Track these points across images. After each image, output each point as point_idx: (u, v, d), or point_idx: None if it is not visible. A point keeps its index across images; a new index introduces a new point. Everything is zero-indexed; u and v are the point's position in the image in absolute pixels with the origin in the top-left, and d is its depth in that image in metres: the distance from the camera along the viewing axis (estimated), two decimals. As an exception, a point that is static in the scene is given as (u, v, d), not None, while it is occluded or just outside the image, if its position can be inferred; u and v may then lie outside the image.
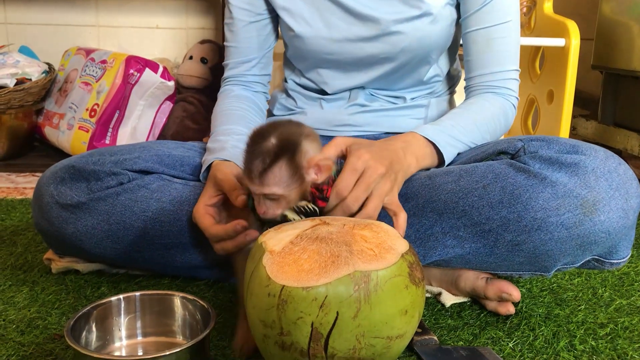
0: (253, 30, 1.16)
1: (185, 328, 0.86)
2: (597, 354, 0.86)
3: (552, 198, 0.88)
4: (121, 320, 0.85)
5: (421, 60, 1.12)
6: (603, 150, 0.92)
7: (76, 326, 0.78)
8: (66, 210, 0.97)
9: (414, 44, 1.09)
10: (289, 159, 0.77)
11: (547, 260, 0.92)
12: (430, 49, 1.11)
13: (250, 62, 1.19)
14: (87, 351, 0.74)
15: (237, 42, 1.17)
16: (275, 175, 0.76)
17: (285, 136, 0.77)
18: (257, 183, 0.77)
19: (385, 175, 0.86)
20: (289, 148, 0.77)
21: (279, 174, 0.76)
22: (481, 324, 0.94)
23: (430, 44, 1.10)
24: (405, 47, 1.08)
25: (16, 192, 1.68)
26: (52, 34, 2.38)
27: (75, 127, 1.96)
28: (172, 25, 2.42)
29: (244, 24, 1.15)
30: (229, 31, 1.18)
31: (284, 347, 0.69)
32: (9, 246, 1.23)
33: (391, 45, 1.09)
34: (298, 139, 0.78)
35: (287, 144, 0.77)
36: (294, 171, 0.77)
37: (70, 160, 1.01)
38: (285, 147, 0.77)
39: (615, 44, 1.94)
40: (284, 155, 0.76)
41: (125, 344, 0.85)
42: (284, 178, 0.77)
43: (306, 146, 0.78)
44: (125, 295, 0.85)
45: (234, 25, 1.16)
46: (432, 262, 0.98)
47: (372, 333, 0.69)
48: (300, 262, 0.70)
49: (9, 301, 0.98)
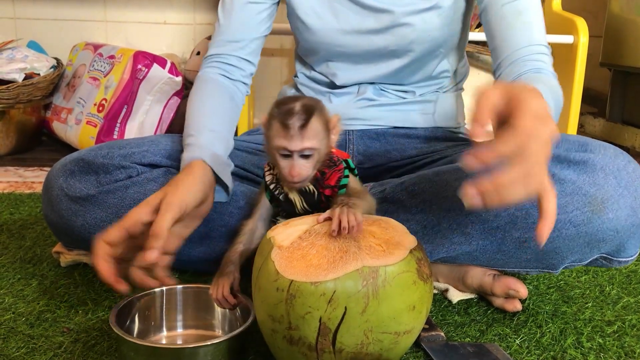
0: (249, 11, 1.13)
1: (225, 322, 0.87)
2: (605, 351, 0.86)
3: (560, 195, 0.87)
4: (162, 312, 0.87)
5: (430, 54, 1.12)
6: (612, 148, 0.91)
7: (120, 315, 0.80)
8: (75, 202, 0.98)
9: (423, 37, 1.08)
10: (320, 113, 0.81)
11: (554, 257, 0.92)
12: (439, 42, 1.10)
13: (238, 42, 1.13)
14: (131, 338, 0.76)
15: (230, 20, 1.13)
16: (313, 128, 0.80)
17: (307, 101, 0.82)
18: (297, 138, 0.79)
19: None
20: (317, 105, 0.82)
21: (316, 127, 0.80)
22: (488, 321, 0.94)
23: (439, 37, 1.10)
24: (414, 40, 1.08)
25: (24, 186, 1.69)
26: (60, 29, 2.39)
27: (83, 121, 1.97)
28: (179, 20, 2.42)
29: (241, 3, 1.13)
30: (223, 10, 1.14)
31: (292, 341, 0.70)
32: (18, 240, 1.23)
33: (400, 38, 1.09)
34: (318, 102, 0.84)
35: (313, 104, 0.82)
36: (325, 126, 0.82)
37: (80, 153, 1.01)
38: (314, 105, 0.82)
39: (624, 41, 1.93)
40: (316, 110, 0.81)
41: (166, 334, 0.87)
42: (319, 130, 0.81)
43: (330, 111, 0.85)
44: (168, 288, 0.87)
45: (231, 3, 1.13)
46: (439, 259, 0.98)
47: (380, 328, 0.69)
48: (308, 257, 0.71)
49: (19, 294, 0.99)
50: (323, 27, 1.12)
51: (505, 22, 1.05)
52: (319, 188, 0.85)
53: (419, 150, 1.17)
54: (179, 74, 2.01)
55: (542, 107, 0.66)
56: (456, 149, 1.13)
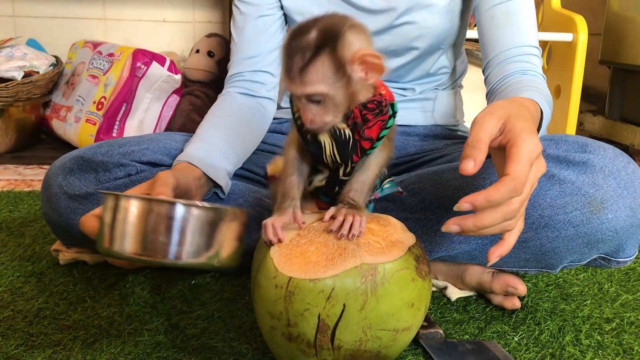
0: (260, 25, 1.13)
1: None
2: (603, 348, 0.87)
3: (559, 196, 0.87)
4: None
5: (431, 52, 1.12)
6: (612, 149, 0.91)
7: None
8: (74, 200, 0.98)
9: (423, 34, 1.08)
10: (331, 51, 0.67)
11: (553, 257, 0.92)
12: (439, 39, 1.10)
13: (255, 58, 1.13)
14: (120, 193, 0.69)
15: (243, 37, 1.13)
16: (317, 70, 0.67)
17: (327, 27, 0.68)
18: (297, 82, 0.68)
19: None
20: (330, 39, 0.67)
21: (322, 69, 0.67)
22: (487, 318, 0.94)
23: (439, 35, 1.10)
24: (417, 37, 1.08)
25: (24, 184, 1.69)
26: (59, 27, 2.39)
27: (83, 119, 1.97)
28: (179, 18, 2.42)
29: (251, 19, 1.13)
30: (235, 28, 1.15)
31: (291, 338, 0.70)
32: (17, 237, 1.23)
33: (401, 37, 1.09)
34: (341, 29, 0.68)
35: (329, 35, 0.67)
36: (337, 66, 0.67)
37: (79, 151, 1.01)
38: (326, 38, 0.67)
39: (623, 39, 1.93)
40: (325, 47, 0.67)
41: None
42: (327, 74, 0.67)
43: (350, 37, 0.68)
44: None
45: (242, 20, 1.14)
46: (439, 257, 0.98)
47: (379, 325, 0.69)
48: (307, 254, 0.71)
49: (17, 292, 0.99)
50: None
51: (494, 22, 1.06)
52: (355, 135, 0.74)
53: (419, 148, 1.17)
54: (178, 71, 2.01)
55: (536, 148, 0.69)
56: (455, 147, 1.13)
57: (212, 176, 0.95)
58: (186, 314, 0.93)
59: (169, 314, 0.93)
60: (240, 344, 0.84)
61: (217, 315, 0.93)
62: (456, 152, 1.09)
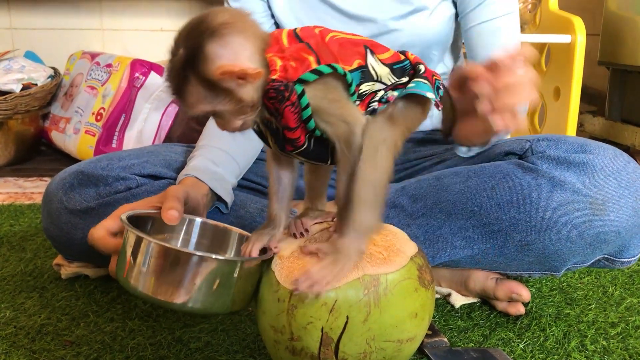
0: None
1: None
2: (609, 353, 0.86)
3: (561, 198, 0.87)
4: (178, 237, 0.83)
5: (423, 57, 1.12)
6: (612, 149, 0.91)
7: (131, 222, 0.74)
8: (75, 215, 0.98)
9: (414, 40, 1.08)
10: (195, 73, 0.63)
11: (556, 259, 0.92)
12: (430, 43, 1.10)
13: None
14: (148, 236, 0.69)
15: None
16: (191, 94, 0.64)
17: (190, 43, 0.63)
18: (182, 105, 0.65)
19: None
20: (193, 58, 0.63)
21: (195, 91, 0.63)
22: (491, 325, 0.94)
23: (429, 39, 1.09)
24: (405, 44, 1.08)
25: (24, 197, 1.69)
26: (57, 38, 2.39)
27: (82, 131, 1.97)
28: (176, 27, 2.40)
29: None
30: None
31: (295, 352, 0.69)
32: (18, 252, 1.23)
33: (390, 44, 1.09)
34: (201, 42, 0.63)
35: (191, 54, 0.63)
36: (208, 85, 0.63)
37: (79, 166, 1.01)
38: (189, 58, 0.63)
39: (622, 39, 1.93)
40: (189, 68, 0.63)
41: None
42: (202, 94, 0.63)
43: (211, 50, 0.62)
44: (190, 217, 0.84)
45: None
46: (442, 263, 0.98)
47: (383, 337, 0.69)
48: (309, 267, 0.70)
49: (19, 307, 0.99)
50: None
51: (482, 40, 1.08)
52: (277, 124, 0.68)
53: (418, 154, 1.17)
54: (176, 81, 2.00)
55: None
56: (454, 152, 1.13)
57: (220, 193, 0.96)
58: (189, 328, 0.92)
59: (172, 327, 0.92)
60: (244, 357, 0.84)
61: (220, 328, 0.92)
62: (456, 156, 1.09)
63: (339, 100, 0.66)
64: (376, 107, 0.70)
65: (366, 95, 0.69)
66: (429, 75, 0.72)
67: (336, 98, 0.66)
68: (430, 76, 0.72)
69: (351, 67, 0.66)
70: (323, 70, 0.64)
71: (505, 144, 0.98)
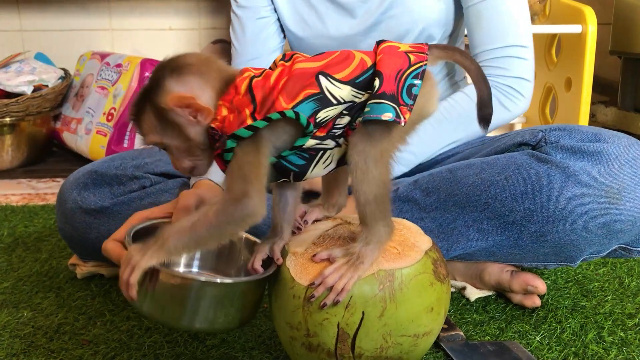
0: (258, 28, 1.14)
1: (241, 272, 0.82)
2: (627, 345, 0.85)
3: (575, 187, 0.87)
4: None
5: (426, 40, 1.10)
6: (626, 137, 0.90)
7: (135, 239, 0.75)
8: (90, 215, 0.98)
9: (411, 25, 1.07)
10: (151, 102, 0.68)
11: (572, 250, 0.91)
12: (428, 24, 1.08)
13: (258, 59, 1.14)
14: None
15: (244, 40, 1.14)
16: (145, 122, 0.69)
17: (154, 76, 0.69)
18: (139, 133, 0.70)
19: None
20: (151, 89, 0.68)
21: (148, 121, 0.68)
22: (507, 318, 0.94)
23: (427, 20, 1.07)
24: (404, 31, 1.07)
25: (37, 198, 1.70)
26: (66, 39, 2.40)
27: (93, 131, 1.98)
28: (184, 26, 2.42)
29: (250, 22, 1.13)
30: (234, 33, 1.16)
31: (311, 348, 0.69)
32: (34, 252, 1.24)
33: (388, 33, 1.08)
34: (161, 76, 0.68)
35: (151, 85, 0.68)
36: (160, 116, 0.67)
37: (93, 166, 1.02)
38: (149, 89, 0.68)
39: (633, 28, 1.91)
40: (146, 98, 0.68)
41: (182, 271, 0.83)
42: (154, 124, 0.68)
43: (169, 84, 0.67)
44: None
45: (240, 25, 1.14)
46: (456, 256, 0.97)
47: (399, 331, 0.69)
48: (323, 263, 0.70)
49: (37, 308, 1.00)
50: (312, 34, 1.12)
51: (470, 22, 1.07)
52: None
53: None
54: (186, 79, 2.01)
55: None
56: (467, 144, 1.12)
57: None
58: (205, 325, 0.92)
59: (187, 325, 0.92)
60: (260, 353, 0.84)
61: (235, 324, 0.92)
62: (468, 149, 1.09)
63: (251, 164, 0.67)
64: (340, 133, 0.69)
65: (327, 121, 0.68)
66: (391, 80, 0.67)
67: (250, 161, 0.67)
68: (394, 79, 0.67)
69: (295, 101, 0.66)
70: (258, 126, 0.66)
71: (519, 134, 0.98)
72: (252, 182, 0.66)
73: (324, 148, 0.69)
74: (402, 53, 0.69)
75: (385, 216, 0.69)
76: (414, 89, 0.68)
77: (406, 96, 0.67)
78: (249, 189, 0.65)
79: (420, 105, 0.69)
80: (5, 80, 1.98)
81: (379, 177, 0.67)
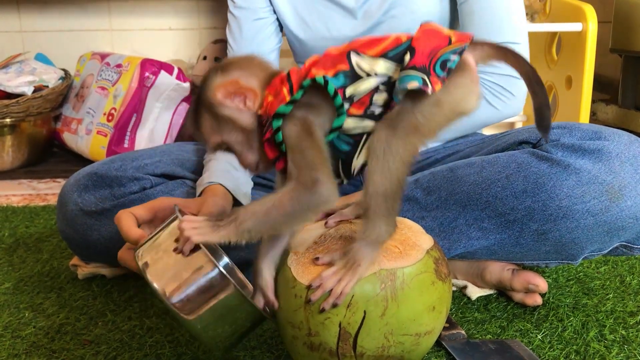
0: (256, 28, 1.14)
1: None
2: (629, 343, 0.85)
3: (576, 185, 0.87)
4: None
5: None
6: (627, 135, 0.90)
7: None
8: (90, 217, 0.98)
9: (412, 25, 1.07)
10: (203, 103, 0.71)
11: (574, 248, 0.91)
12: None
13: None
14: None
15: (241, 41, 1.15)
16: (203, 127, 0.71)
17: (203, 82, 0.71)
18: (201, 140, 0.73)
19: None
20: (201, 92, 0.71)
21: (206, 123, 0.71)
22: (508, 316, 0.94)
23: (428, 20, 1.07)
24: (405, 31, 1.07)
25: (38, 198, 1.70)
26: (66, 40, 2.40)
27: (94, 132, 1.98)
28: (184, 26, 2.42)
29: (247, 22, 1.13)
30: (231, 34, 1.16)
31: (313, 347, 0.69)
32: (35, 253, 1.24)
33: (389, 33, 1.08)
34: (208, 78, 0.71)
35: (201, 89, 0.71)
36: (214, 115, 0.70)
37: (93, 168, 1.02)
38: (200, 93, 0.71)
39: (634, 26, 1.91)
40: (199, 100, 0.71)
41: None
42: (211, 123, 0.71)
43: (214, 81, 0.70)
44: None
45: (238, 25, 1.14)
46: (457, 255, 0.97)
47: (401, 330, 0.69)
48: (321, 271, 0.70)
49: (38, 308, 1.00)
50: (313, 35, 1.11)
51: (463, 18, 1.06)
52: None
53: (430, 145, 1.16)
54: (186, 79, 2.01)
55: None
56: (467, 142, 1.12)
57: (244, 202, 0.97)
58: (206, 325, 0.92)
59: (189, 325, 0.92)
60: (262, 353, 0.84)
61: (237, 324, 0.92)
62: (469, 147, 1.09)
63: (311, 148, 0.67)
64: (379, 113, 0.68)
65: (362, 96, 0.67)
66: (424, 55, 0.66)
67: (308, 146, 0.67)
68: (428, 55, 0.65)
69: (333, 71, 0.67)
70: (295, 97, 0.67)
71: (519, 133, 0.98)
72: (319, 168, 0.65)
73: (366, 132, 0.68)
74: (442, 34, 0.68)
75: (389, 214, 0.68)
76: (449, 63, 0.66)
77: (439, 69, 0.65)
78: (318, 175, 0.65)
79: (457, 99, 0.67)
80: (6, 81, 1.98)
81: (395, 171, 0.66)
